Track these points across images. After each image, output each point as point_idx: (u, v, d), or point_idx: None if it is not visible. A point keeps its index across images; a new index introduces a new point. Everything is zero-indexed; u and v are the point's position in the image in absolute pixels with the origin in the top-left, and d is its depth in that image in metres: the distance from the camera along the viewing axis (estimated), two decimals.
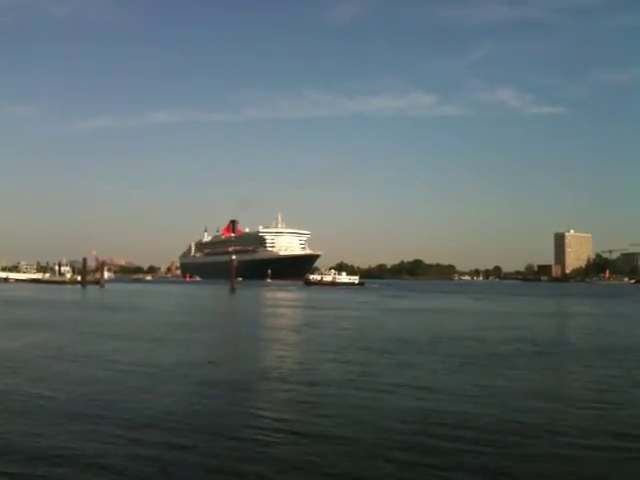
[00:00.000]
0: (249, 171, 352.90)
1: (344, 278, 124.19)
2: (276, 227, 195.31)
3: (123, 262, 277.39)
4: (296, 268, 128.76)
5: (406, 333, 25.50)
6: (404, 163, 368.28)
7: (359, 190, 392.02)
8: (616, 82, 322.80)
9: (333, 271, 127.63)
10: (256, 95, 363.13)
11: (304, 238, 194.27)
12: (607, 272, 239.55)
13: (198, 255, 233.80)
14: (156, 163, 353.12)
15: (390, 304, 54.26)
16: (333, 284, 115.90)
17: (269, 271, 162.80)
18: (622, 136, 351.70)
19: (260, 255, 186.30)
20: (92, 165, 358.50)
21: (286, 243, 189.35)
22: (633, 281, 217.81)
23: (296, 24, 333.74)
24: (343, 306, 49.19)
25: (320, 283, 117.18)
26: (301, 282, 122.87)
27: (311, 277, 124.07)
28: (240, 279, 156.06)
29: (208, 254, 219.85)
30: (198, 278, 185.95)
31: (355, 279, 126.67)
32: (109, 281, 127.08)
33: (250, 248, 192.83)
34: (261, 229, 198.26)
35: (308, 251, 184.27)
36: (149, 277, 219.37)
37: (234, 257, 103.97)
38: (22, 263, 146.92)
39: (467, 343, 21.96)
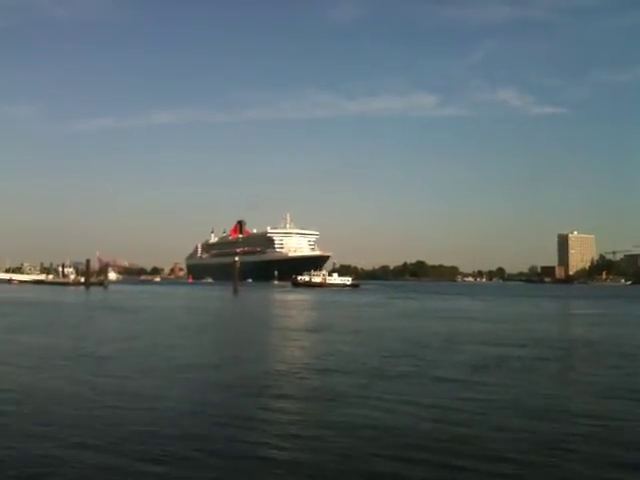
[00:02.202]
0: (251, 172, 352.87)
1: (335, 279, 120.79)
2: (285, 228, 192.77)
3: (126, 263, 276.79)
4: (306, 269, 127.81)
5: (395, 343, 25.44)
6: (406, 164, 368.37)
7: (362, 191, 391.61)
8: (618, 82, 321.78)
9: (323, 272, 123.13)
10: (257, 96, 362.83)
11: (313, 239, 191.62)
12: (604, 273, 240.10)
13: (205, 256, 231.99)
14: (157, 163, 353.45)
15: (387, 308, 54.17)
16: (322, 285, 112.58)
17: (276, 272, 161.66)
18: (625, 136, 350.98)
19: (269, 256, 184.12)
20: (93, 166, 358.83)
21: (295, 244, 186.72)
22: (630, 282, 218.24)
23: (297, 24, 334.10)
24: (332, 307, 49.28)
25: (308, 284, 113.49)
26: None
27: (299, 278, 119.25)
28: (250, 280, 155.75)
29: (215, 255, 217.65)
30: (210, 279, 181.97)
31: (347, 280, 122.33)
32: (117, 282, 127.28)
33: (258, 249, 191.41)
34: (269, 230, 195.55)
35: (318, 252, 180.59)
36: (158, 279, 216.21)
37: (237, 259, 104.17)
38: (25, 264, 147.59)
39: (483, 351, 21.89)
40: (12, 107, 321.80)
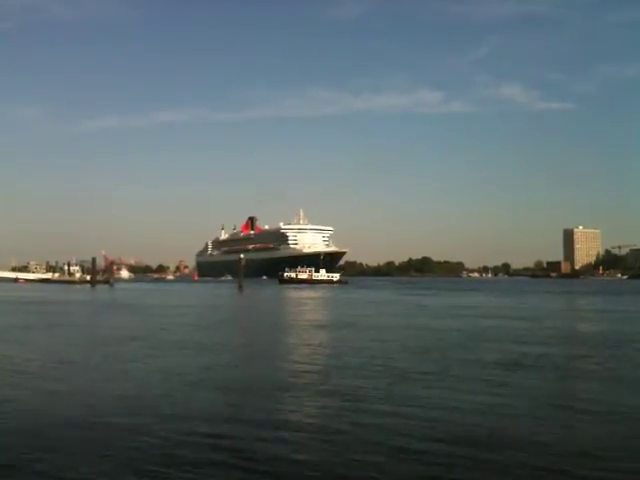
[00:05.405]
0: (253, 171, 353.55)
1: (322, 275, 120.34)
2: (298, 223, 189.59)
3: (132, 261, 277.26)
4: (322, 265, 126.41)
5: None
6: (411, 160, 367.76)
7: (366, 188, 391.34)
8: (623, 77, 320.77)
9: (309, 268, 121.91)
10: (260, 94, 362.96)
11: (327, 234, 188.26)
12: (600, 268, 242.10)
13: (215, 253, 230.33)
14: (160, 162, 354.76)
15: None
16: (308, 282, 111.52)
17: (286, 269, 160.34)
18: (630, 131, 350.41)
19: (282, 252, 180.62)
20: (97, 165, 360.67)
21: (310, 240, 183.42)
22: (626, 277, 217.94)
23: (301, 22, 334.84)
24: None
25: (295, 281, 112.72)
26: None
27: (285, 274, 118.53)
28: (264, 277, 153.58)
29: (226, 252, 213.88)
30: (229, 277, 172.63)
31: (335, 276, 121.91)
32: (129, 281, 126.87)
33: (271, 245, 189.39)
34: (282, 225, 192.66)
35: (333, 248, 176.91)
36: (170, 276, 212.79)
37: (242, 256, 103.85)
38: (31, 263, 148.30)
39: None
40: (16, 108, 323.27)
